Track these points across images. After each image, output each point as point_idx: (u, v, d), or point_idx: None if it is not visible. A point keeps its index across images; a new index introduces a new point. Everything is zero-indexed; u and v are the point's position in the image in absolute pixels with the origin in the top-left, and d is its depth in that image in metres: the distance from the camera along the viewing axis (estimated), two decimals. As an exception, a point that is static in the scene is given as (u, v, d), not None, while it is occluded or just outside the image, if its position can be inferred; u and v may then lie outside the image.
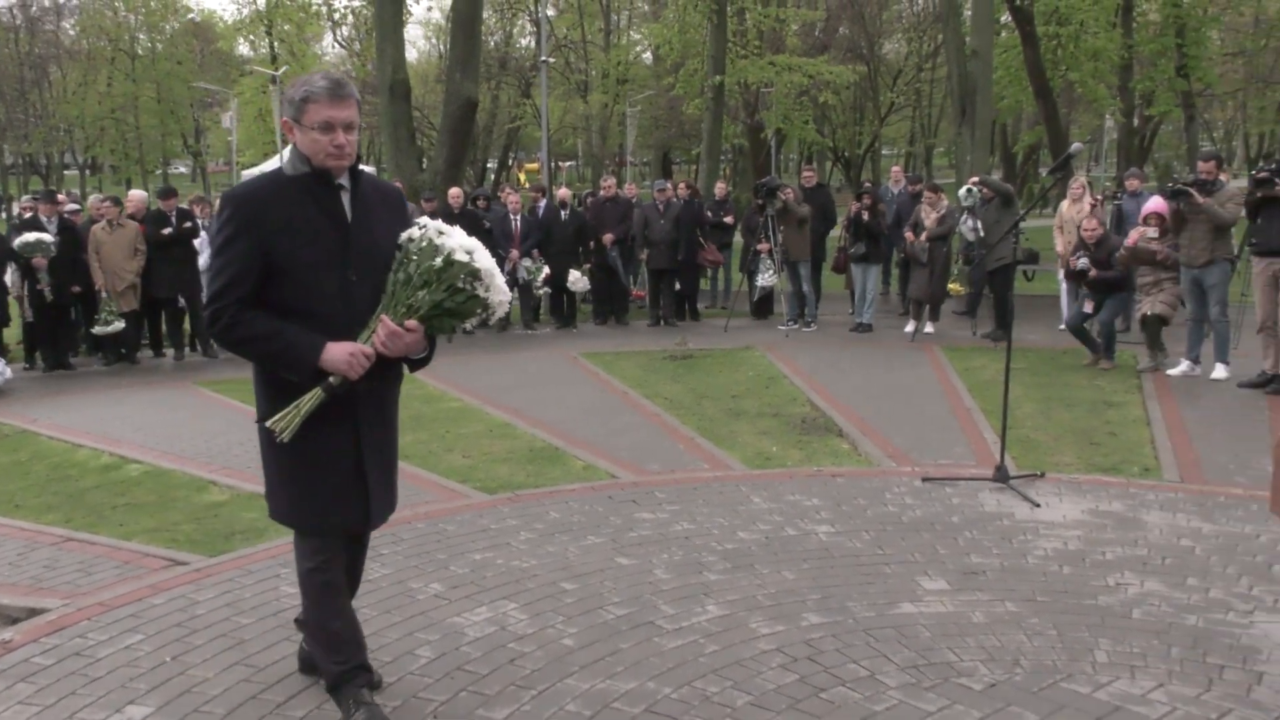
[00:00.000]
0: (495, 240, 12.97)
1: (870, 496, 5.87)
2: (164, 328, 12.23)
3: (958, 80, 18.42)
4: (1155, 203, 10.12)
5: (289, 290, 3.12)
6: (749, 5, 27.18)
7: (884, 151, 50.40)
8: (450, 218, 13.38)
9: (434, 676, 3.76)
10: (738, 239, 15.00)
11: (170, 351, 12.14)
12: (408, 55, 20.97)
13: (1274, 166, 8.83)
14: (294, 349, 3.09)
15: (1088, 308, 10.04)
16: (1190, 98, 27.94)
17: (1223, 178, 9.73)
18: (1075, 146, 7.07)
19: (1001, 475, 6.01)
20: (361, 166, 3.37)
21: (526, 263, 13.34)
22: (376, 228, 3.25)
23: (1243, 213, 9.10)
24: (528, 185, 27.25)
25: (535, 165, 40.06)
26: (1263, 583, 4.57)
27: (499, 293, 3.24)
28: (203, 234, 11.74)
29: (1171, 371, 9.46)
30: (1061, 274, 11.87)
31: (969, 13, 19.45)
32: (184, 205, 12.42)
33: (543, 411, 8.34)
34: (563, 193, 14.28)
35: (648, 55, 39.28)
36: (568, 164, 44.51)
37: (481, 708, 3.53)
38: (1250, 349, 9.25)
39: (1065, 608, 4.33)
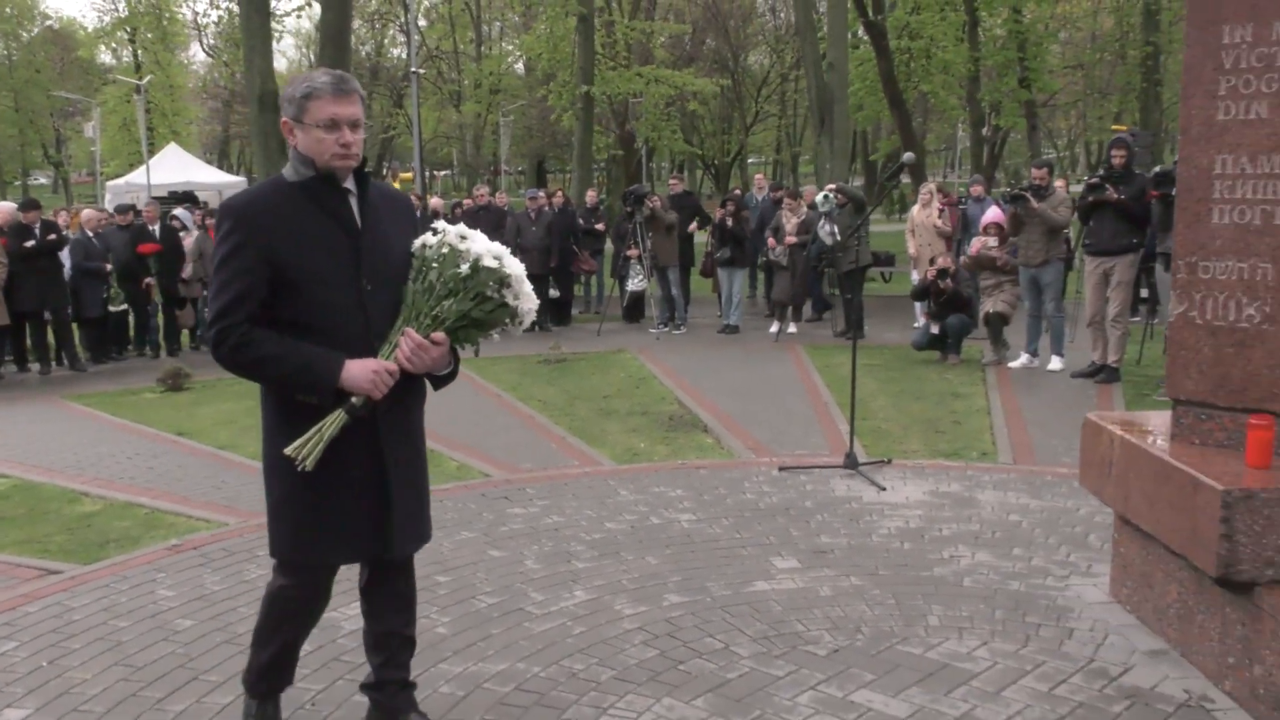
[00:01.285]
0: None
1: (730, 486, 6.22)
2: (29, 341, 11.91)
3: (816, 91, 19.16)
4: (993, 213, 10.84)
5: (300, 304, 2.89)
6: (617, 18, 27.65)
7: (751, 160, 51.56)
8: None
9: (311, 668, 3.91)
10: (609, 245, 15.34)
11: (36, 366, 11.83)
12: (277, 65, 20.70)
13: (1104, 173, 9.53)
14: (312, 369, 2.87)
15: (934, 329, 10.67)
16: (1033, 108, 29.49)
17: (1055, 184, 10.48)
18: (907, 156, 7.59)
19: (851, 462, 6.44)
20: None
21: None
22: (389, 233, 3.05)
23: (1075, 216, 9.81)
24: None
25: (409, 175, 39.76)
26: (1079, 550, 5.06)
27: (528, 299, 3.06)
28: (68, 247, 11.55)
29: (1012, 364, 10.14)
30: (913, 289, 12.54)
31: (826, 26, 20.20)
32: (48, 217, 12.14)
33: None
34: (435, 202, 14.41)
35: (520, 65, 39.43)
36: (442, 173, 44.26)
37: (358, 695, 3.68)
38: (1083, 342, 9.97)
39: (904, 579, 4.73)
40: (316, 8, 21.43)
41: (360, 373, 2.87)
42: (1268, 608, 3.43)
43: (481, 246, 3.00)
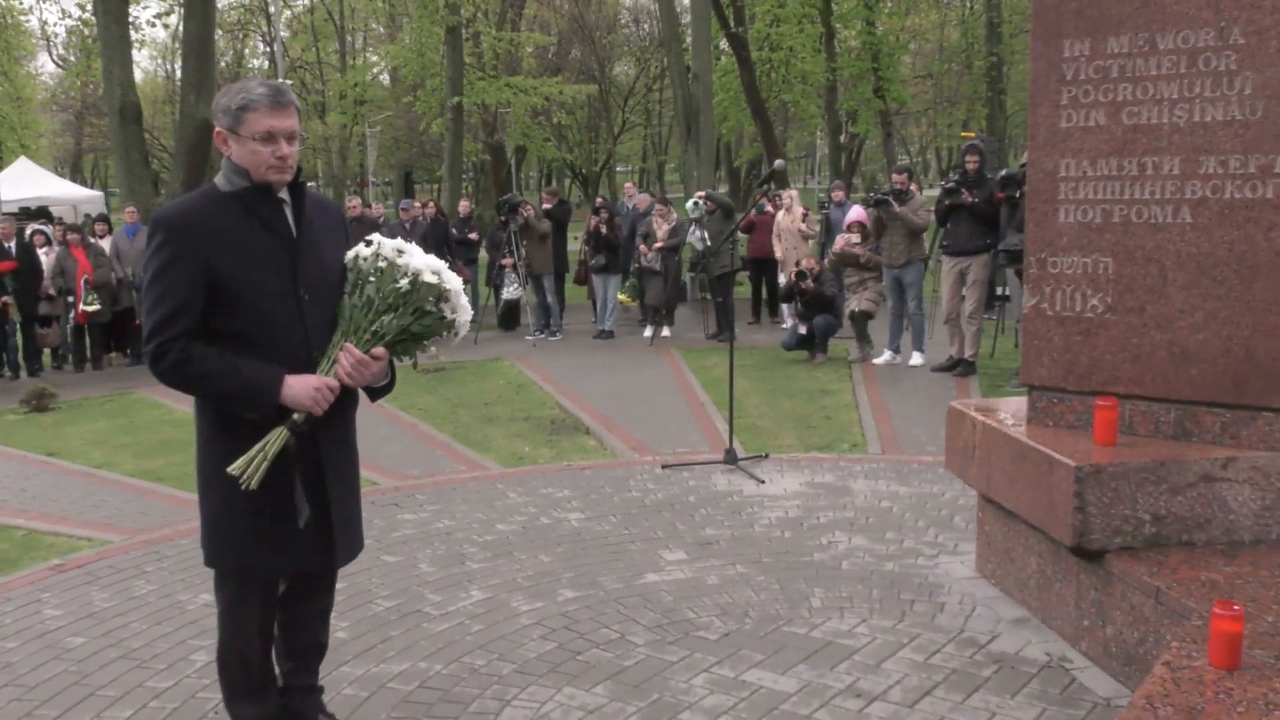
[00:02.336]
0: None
1: (616, 485, 6.38)
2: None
3: (682, 101, 19.54)
4: (856, 212, 11.30)
5: (238, 316, 2.85)
6: (483, 29, 27.62)
7: (619, 168, 52.02)
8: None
9: (211, 677, 3.87)
10: (483, 254, 15.35)
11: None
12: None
13: (959, 178, 10.05)
14: (253, 387, 2.83)
15: (802, 329, 11.06)
16: (887, 116, 30.63)
17: (913, 188, 10.99)
18: (779, 163, 7.90)
19: (731, 458, 6.67)
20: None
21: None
22: (323, 244, 3.03)
23: (933, 218, 10.31)
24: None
25: (272, 187, 38.78)
26: (946, 531, 5.38)
27: (464, 311, 3.08)
28: None
29: (876, 361, 10.59)
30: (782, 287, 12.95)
31: (690, 38, 20.62)
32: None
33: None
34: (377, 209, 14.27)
35: (385, 76, 38.94)
36: (309, 185, 43.44)
37: (261, 699, 3.72)
38: (942, 338, 10.48)
39: (786, 565, 4.96)
40: (173, 18, 20.84)
41: (301, 390, 2.85)
42: (1117, 573, 3.76)
43: (420, 261, 2.99)
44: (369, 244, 3.04)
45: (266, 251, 2.89)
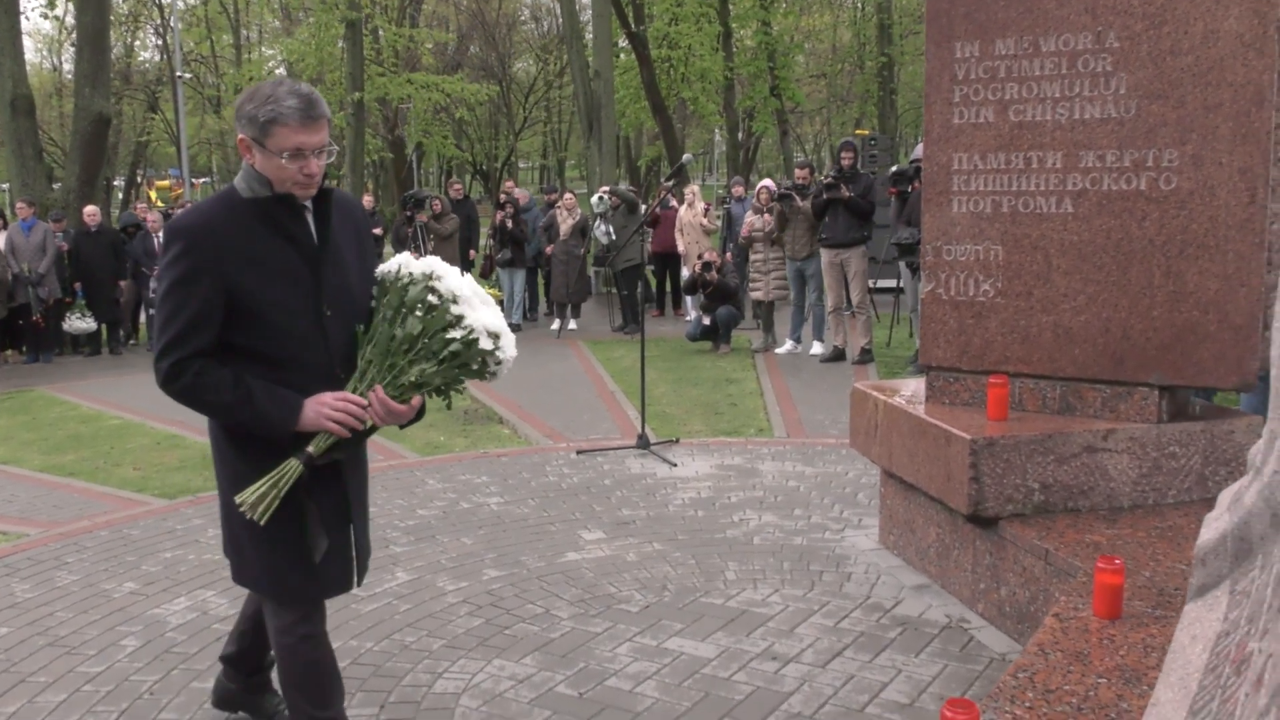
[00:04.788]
0: (138, 259, 12.76)
1: (532, 470, 6.52)
2: None
3: (583, 98, 19.70)
4: (766, 182, 11.65)
5: (257, 333, 2.67)
6: (383, 24, 27.33)
7: (521, 165, 51.90)
8: (86, 237, 12.75)
9: (144, 661, 3.95)
10: (388, 250, 15.28)
11: None
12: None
13: (836, 173, 10.37)
14: (266, 419, 2.65)
15: (705, 320, 11.33)
16: (783, 115, 31.26)
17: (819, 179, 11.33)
18: (686, 158, 8.14)
19: (643, 443, 6.87)
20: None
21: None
22: (345, 252, 2.82)
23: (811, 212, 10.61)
24: (160, 204, 25.94)
25: (166, 183, 37.71)
26: (850, 507, 5.66)
27: (507, 365, 2.87)
28: None
29: (779, 350, 10.92)
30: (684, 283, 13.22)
31: (590, 36, 20.78)
32: None
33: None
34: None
35: (282, 70, 38.14)
36: (202, 180, 42.17)
37: (196, 681, 3.78)
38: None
39: (701, 542, 5.17)
40: (60, 8, 20.18)
41: (315, 414, 2.65)
42: (1009, 537, 4.05)
43: (479, 319, 2.73)
44: (420, 275, 2.75)
45: (289, 265, 2.69)
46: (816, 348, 10.73)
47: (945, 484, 4.25)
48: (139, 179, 44.70)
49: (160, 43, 38.05)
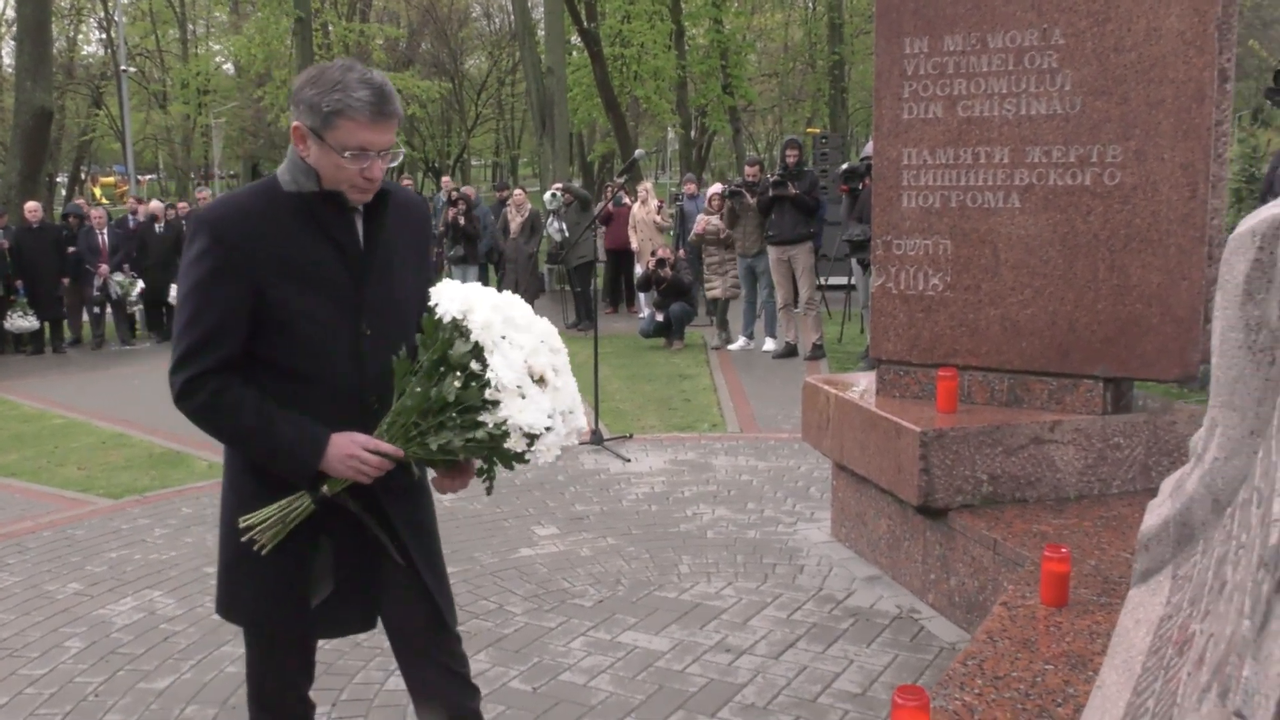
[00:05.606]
0: (82, 256, 12.58)
1: (486, 467, 6.49)
2: None
3: (536, 95, 19.65)
4: (717, 187, 11.69)
5: (284, 346, 2.30)
6: (332, 19, 27.06)
7: (474, 162, 51.65)
8: (28, 234, 12.51)
9: (89, 662, 3.88)
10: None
11: None
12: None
13: (781, 171, 10.41)
14: (286, 454, 2.27)
15: (659, 317, 11.35)
16: (736, 113, 31.39)
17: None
18: (638, 153, 8.15)
19: (597, 439, 6.87)
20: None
21: (118, 277, 12.83)
22: (396, 261, 2.41)
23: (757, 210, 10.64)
24: (104, 200, 25.58)
25: (111, 179, 37.06)
26: (803, 501, 5.70)
27: (578, 417, 2.37)
28: None
29: (732, 346, 10.97)
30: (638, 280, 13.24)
31: (543, 32, 20.73)
32: None
33: (157, 421, 8.19)
34: (154, 205, 13.85)
35: (229, 66, 37.62)
36: (148, 177, 41.44)
37: (143, 682, 3.73)
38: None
39: (655, 536, 5.18)
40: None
41: (339, 463, 2.27)
42: (959, 528, 4.10)
43: (520, 417, 2.23)
44: (443, 315, 2.29)
45: (328, 273, 2.31)
46: (769, 344, 10.79)
47: (896, 476, 4.29)
48: (83, 175, 43.92)
49: (104, 36, 37.35)
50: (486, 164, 53.21)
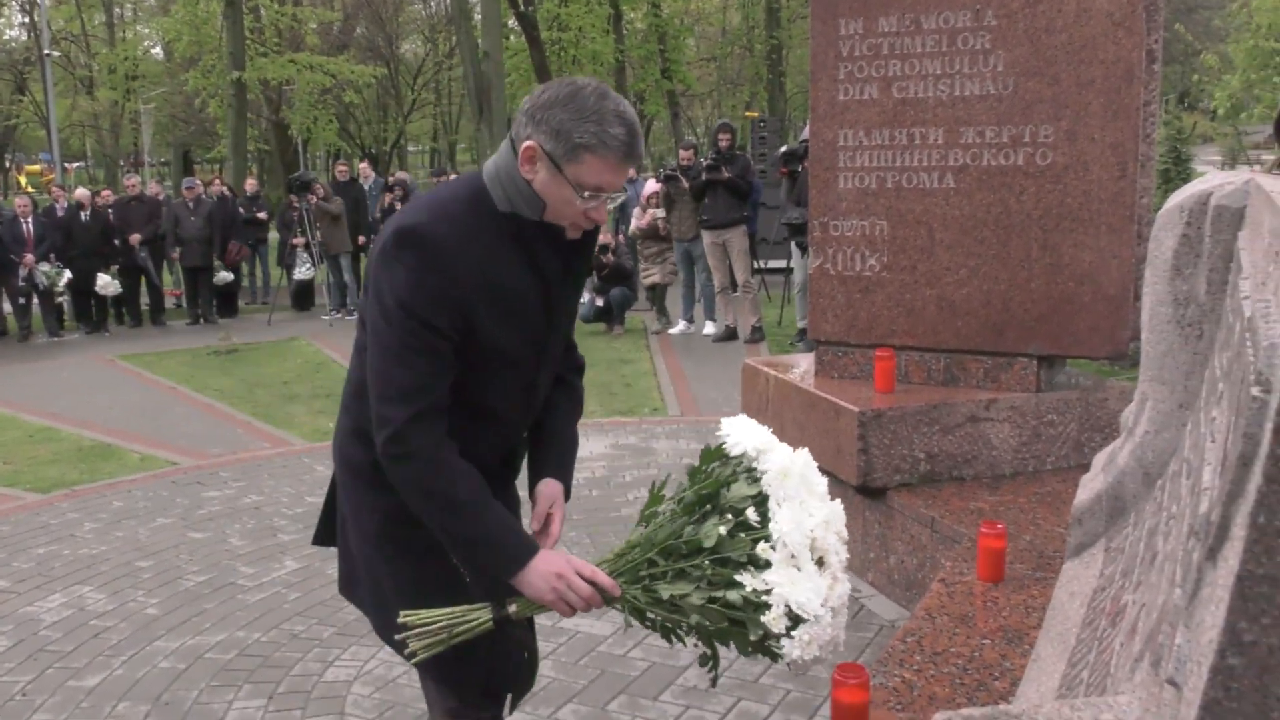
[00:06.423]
0: (6, 246, 12.24)
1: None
2: None
3: (473, 80, 19.46)
4: (651, 185, 11.65)
5: (475, 384, 2.07)
6: (264, 2, 26.52)
7: (410, 148, 51.07)
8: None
9: (16, 660, 3.78)
10: (274, 234, 14.91)
11: None
12: None
13: (716, 155, 10.38)
14: (491, 548, 2.01)
15: (599, 302, 11.32)
16: (674, 97, 31.39)
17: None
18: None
19: (539, 425, 6.83)
20: None
21: (44, 267, 12.50)
22: (571, 296, 2.24)
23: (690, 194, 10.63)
24: (29, 188, 24.91)
25: (37, 168, 36.05)
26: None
27: (800, 658, 1.92)
28: None
29: (672, 331, 10.98)
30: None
31: (479, 16, 20.52)
32: None
33: (86, 414, 8.00)
34: (81, 193, 13.50)
35: (158, 50, 36.72)
36: (75, 165, 40.40)
37: (72, 679, 3.64)
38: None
39: (597, 521, 5.17)
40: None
41: (542, 583, 1.99)
42: (897, 507, 4.14)
43: (788, 591, 1.86)
44: (732, 453, 2.05)
45: (526, 302, 2.09)
46: (709, 327, 10.82)
47: (835, 456, 4.31)
48: (7, 164, 42.76)
49: (27, 20, 36.33)
50: (424, 150, 52.65)
